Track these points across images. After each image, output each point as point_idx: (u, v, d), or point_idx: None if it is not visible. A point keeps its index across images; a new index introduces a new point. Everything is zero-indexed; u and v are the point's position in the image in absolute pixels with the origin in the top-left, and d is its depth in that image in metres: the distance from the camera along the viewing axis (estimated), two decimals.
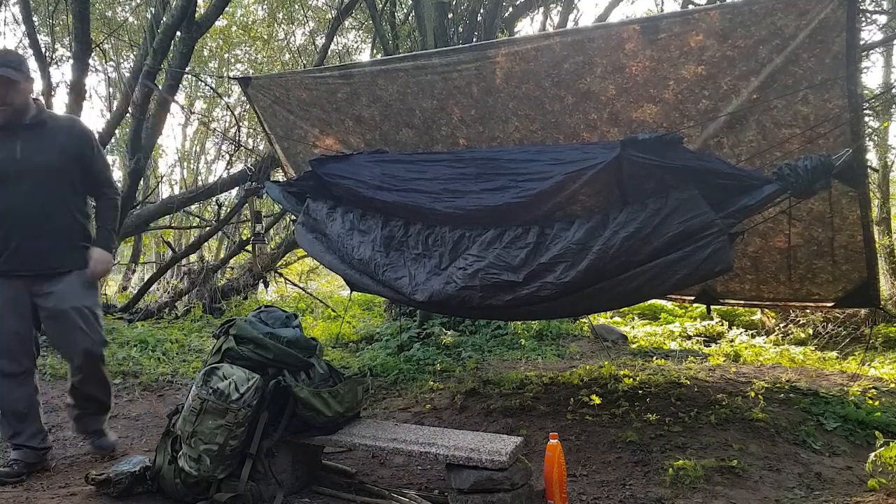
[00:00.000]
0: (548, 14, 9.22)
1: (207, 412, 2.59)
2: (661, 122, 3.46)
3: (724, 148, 3.41)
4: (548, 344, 6.49)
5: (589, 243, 2.94)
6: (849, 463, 3.14)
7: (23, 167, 2.95)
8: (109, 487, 2.73)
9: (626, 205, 2.95)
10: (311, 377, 2.94)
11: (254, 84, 4.40)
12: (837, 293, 4.01)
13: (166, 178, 14.56)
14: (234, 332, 2.83)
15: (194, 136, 15.67)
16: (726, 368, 5.21)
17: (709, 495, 2.74)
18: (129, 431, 3.80)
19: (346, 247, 3.68)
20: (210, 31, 8.49)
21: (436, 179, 3.40)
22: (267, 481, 2.73)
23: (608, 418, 3.73)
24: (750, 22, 2.92)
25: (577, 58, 3.34)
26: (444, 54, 3.70)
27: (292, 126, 4.59)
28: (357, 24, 11.13)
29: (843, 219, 3.50)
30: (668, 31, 3.08)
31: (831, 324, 6.66)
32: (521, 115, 3.79)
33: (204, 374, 2.69)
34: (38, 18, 9.05)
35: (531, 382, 4.54)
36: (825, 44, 2.86)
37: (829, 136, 3.11)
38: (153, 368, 5.03)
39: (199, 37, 6.06)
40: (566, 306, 3.38)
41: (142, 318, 7.57)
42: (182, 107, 12.75)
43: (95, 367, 3.16)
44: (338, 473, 3.07)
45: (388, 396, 4.62)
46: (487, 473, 2.46)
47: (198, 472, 2.62)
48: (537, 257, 3.08)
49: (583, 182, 2.94)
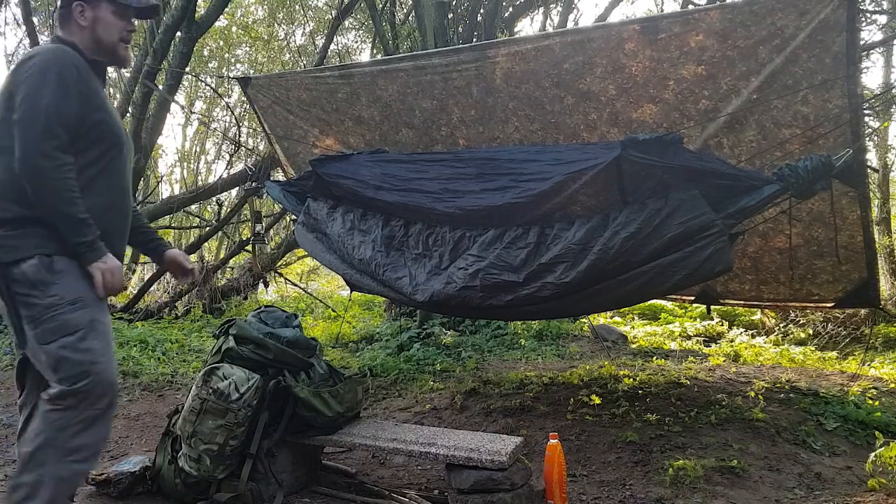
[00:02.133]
0: (548, 14, 9.22)
1: (207, 412, 2.59)
2: (661, 122, 3.46)
3: (724, 148, 3.41)
4: (548, 344, 6.49)
5: (589, 243, 2.94)
6: (849, 463, 3.14)
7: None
8: (109, 487, 2.73)
9: (626, 205, 2.95)
10: (311, 377, 2.94)
11: (254, 84, 4.40)
12: (837, 293, 4.01)
13: (166, 178, 14.57)
14: (234, 332, 2.83)
15: (194, 136, 15.68)
16: (726, 368, 5.21)
17: (709, 495, 2.74)
18: (129, 431, 3.80)
19: (347, 247, 3.68)
20: (210, 31, 8.49)
21: (436, 179, 3.40)
22: (267, 481, 2.73)
23: (608, 418, 3.73)
24: (750, 22, 2.92)
25: (577, 58, 3.34)
26: (444, 54, 3.70)
27: (292, 126, 4.59)
28: (357, 24, 11.12)
29: (843, 219, 3.50)
30: (668, 31, 3.08)
31: (831, 324, 6.66)
32: (521, 116, 3.79)
33: (204, 374, 2.69)
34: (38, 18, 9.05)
35: (531, 382, 4.54)
36: (825, 44, 2.85)
37: (829, 137, 3.11)
38: (153, 368, 5.03)
39: (199, 37, 6.06)
40: (566, 306, 3.38)
41: (142, 318, 7.58)
42: (182, 107, 12.75)
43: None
44: (338, 473, 3.07)
45: (388, 396, 4.62)
46: (487, 473, 2.46)
47: (198, 472, 2.62)
48: (538, 257, 3.08)
49: (583, 182, 2.94)
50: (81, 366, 1.86)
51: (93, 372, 1.87)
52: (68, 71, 1.93)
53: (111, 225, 2.05)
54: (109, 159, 2.03)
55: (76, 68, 1.95)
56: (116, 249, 2.07)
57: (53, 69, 1.91)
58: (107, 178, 2.03)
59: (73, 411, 1.86)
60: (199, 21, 5.75)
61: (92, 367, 1.87)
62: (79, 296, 1.90)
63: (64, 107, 1.90)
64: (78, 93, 1.94)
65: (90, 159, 1.99)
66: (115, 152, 2.05)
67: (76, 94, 1.93)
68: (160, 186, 12.93)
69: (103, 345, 1.92)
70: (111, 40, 2.10)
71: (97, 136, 1.99)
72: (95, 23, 2.06)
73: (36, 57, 1.95)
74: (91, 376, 1.86)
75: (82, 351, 1.87)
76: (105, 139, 2.02)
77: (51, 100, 1.88)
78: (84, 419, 1.87)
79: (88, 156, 1.98)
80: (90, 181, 1.98)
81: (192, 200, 9.75)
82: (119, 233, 2.13)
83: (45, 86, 1.89)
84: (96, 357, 1.88)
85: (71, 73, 1.93)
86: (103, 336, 1.93)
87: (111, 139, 2.04)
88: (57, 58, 1.94)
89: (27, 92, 1.88)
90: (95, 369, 1.87)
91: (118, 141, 2.07)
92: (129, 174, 2.18)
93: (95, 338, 1.90)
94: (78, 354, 1.87)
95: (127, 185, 2.15)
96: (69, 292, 1.89)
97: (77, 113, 1.93)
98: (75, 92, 1.93)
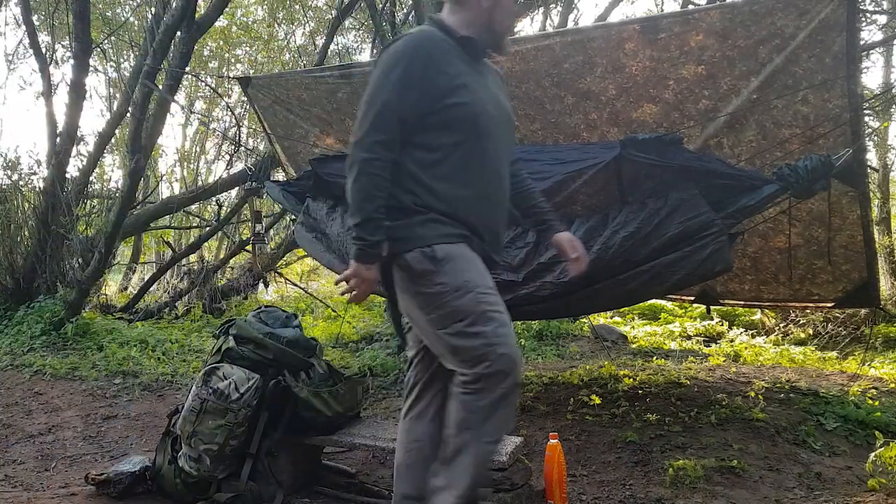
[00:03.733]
0: (548, 14, 9.22)
1: (207, 412, 2.59)
2: (661, 122, 3.46)
3: (724, 148, 3.41)
4: (548, 344, 6.49)
5: (588, 243, 2.94)
6: (849, 463, 3.14)
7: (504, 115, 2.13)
8: (109, 487, 2.73)
9: (625, 204, 2.95)
10: (311, 377, 2.94)
11: (254, 84, 4.41)
12: (837, 293, 4.01)
13: (166, 178, 14.56)
14: (234, 332, 2.83)
15: (194, 136, 15.67)
16: (726, 368, 5.21)
17: (709, 495, 2.74)
18: (129, 431, 3.79)
19: (347, 246, 3.68)
20: (210, 31, 8.48)
21: None
22: (267, 481, 2.73)
23: (608, 418, 3.73)
24: (750, 22, 2.92)
25: (577, 58, 3.34)
26: None
27: (292, 126, 4.59)
28: (357, 24, 11.13)
29: (843, 219, 3.50)
30: (668, 30, 3.08)
31: (831, 324, 6.66)
32: (521, 115, 3.79)
33: (204, 374, 2.69)
34: (38, 18, 9.06)
35: (531, 382, 4.54)
36: (825, 44, 2.86)
37: (829, 136, 3.11)
38: (153, 368, 5.03)
39: (199, 37, 6.05)
40: (566, 306, 3.38)
41: (142, 318, 7.58)
42: (182, 107, 12.75)
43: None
44: (338, 473, 3.07)
45: (388, 396, 4.62)
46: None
47: (198, 472, 2.62)
48: (537, 257, 3.08)
49: (582, 181, 2.95)
50: (476, 350, 1.85)
51: (490, 355, 1.84)
52: (418, 61, 1.87)
53: (478, 218, 1.96)
54: (471, 146, 1.93)
55: (429, 56, 1.89)
56: (487, 242, 1.99)
57: (402, 61, 1.87)
58: (468, 168, 1.93)
59: (480, 394, 1.86)
60: (199, 21, 5.74)
61: (488, 350, 1.84)
62: (464, 281, 1.87)
63: (404, 102, 1.86)
64: (426, 84, 1.87)
65: (445, 148, 1.91)
66: (475, 136, 1.93)
67: (422, 86, 1.87)
68: (160, 186, 12.93)
69: (495, 326, 1.87)
70: (504, 26, 2.06)
71: (450, 123, 1.91)
72: (495, 6, 2.00)
73: (392, 45, 1.94)
74: (489, 359, 1.84)
75: (473, 336, 1.85)
76: (462, 125, 1.92)
77: (390, 95, 1.85)
78: (492, 401, 1.86)
79: (442, 144, 1.91)
80: (449, 173, 1.92)
81: (192, 200, 9.75)
82: (489, 224, 2.01)
83: (387, 78, 1.87)
84: (489, 339, 1.85)
85: (420, 63, 1.87)
86: (493, 318, 1.87)
87: (469, 123, 1.92)
88: (409, 48, 1.90)
89: (372, 82, 1.90)
90: (492, 351, 1.85)
91: (478, 123, 1.93)
92: (503, 155, 2.04)
93: (485, 322, 1.86)
94: (470, 340, 1.85)
95: (498, 168, 2.01)
96: (454, 279, 1.87)
97: (420, 105, 1.88)
98: (422, 84, 1.87)
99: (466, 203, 1.93)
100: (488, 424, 1.86)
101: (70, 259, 6.57)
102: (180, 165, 15.57)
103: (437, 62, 1.89)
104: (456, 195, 1.91)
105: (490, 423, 1.86)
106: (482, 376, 1.84)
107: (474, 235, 1.94)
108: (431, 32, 1.96)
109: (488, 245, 2.00)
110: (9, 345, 5.43)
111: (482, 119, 1.93)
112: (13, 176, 6.83)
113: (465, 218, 1.92)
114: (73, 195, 6.48)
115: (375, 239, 1.85)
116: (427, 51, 1.89)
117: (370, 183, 1.85)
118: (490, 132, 1.95)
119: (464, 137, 1.91)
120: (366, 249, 1.86)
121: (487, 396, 1.85)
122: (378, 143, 1.85)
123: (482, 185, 1.96)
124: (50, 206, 6.26)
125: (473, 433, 1.86)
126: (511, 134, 2.16)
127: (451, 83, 1.90)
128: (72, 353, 5.32)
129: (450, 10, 2.02)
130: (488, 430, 1.87)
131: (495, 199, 2.02)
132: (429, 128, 1.90)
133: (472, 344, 1.84)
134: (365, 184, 1.85)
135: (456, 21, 1.99)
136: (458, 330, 1.86)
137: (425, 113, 1.88)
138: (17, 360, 5.00)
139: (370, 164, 1.84)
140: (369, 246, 1.86)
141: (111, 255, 6.53)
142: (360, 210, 1.85)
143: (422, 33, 1.95)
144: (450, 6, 2.02)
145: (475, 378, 1.84)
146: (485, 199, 1.98)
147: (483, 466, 1.93)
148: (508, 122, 2.11)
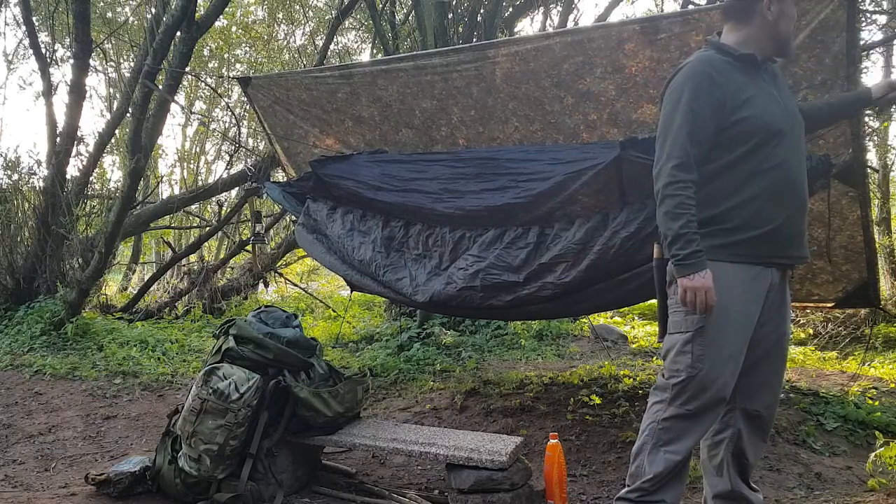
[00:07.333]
0: (548, 14, 9.21)
1: (207, 412, 2.59)
2: None
3: None
4: (548, 344, 6.49)
5: (589, 243, 2.94)
6: (849, 463, 3.14)
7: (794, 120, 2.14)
8: (109, 487, 2.73)
9: (626, 205, 2.95)
10: (311, 377, 2.94)
11: (254, 84, 4.40)
12: (837, 293, 4.00)
13: (166, 178, 14.56)
14: (234, 332, 2.83)
15: (194, 136, 15.67)
16: None
17: None
18: (129, 431, 3.80)
19: (347, 247, 3.68)
20: (210, 31, 8.49)
21: (436, 179, 3.40)
22: (267, 481, 2.73)
23: (608, 418, 3.73)
24: None
25: (576, 58, 3.33)
26: (444, 54, 3.70)
27: (292, 126, 4.59)
28: (357, 24, 11.12)
29: (843, 219, 3.50)
30: (668, 31, 3.07)
31: (831, 324, 6.65)
32: (520, 116, 3.79)
33: (204, 374, 2.70)
34: (38, 18, 9.05)
35: (531, 382, 4.54)
36: (825, 44, 2.85)
37: (829, 137, 3.11)
38: (153, 368, 5.03)
39: (199, 37, 6.04)
40: (567, 306, 3.38)
41: (142, 318, 7.58)
42: (182, 107, 12.75)
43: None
44: (338, 473, 3.07)
45: (388, 396, 4.62)
46: (487, 473, 2.46)
47: (198, 472, 2.62)
48: (538, 257, 3.08)
49: (583, 182, 2.94)
50: (677, 364, 2.01)
51: (687, 374, 1.98)
52: (701, 87, 1.98)
53: (769, 224, 2.00)
54: (763, 155, 2.00)
55: (708, 76, 1.99)
56: (781, 250, 2.04)
57: (688, 89, 1.99)
58: (759, 177, 1.99)
59: (665, 404, 2.05)
60: (199, 21, 5.74)
61: (687, 369, 1.98)
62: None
63: (695, 127, 1.97)
64: (713, 105, 1.98)
65: (737, 159, 2.00)
66: (767, 145, 2.00)
67: (710, 108, 1.97)
68: (160, 186, 12.93)
69: (706, 352, 1.97)
70: (788, 31, 2.12)
71: (741, 136, 2.00)
72: (780, 17, 2.07)
73: (673, 77, 2.07)
74: (683, 377, 1.99)
75: (683, 352, 2.00)
76: (753, 135, 1.99)
77: (681, 122, 1.97)
78: (674, 415, 2.03)
79: (734, 157, 2.01)
80: (741, 183, 2.00)
81: (192, 200, 9.75)
82: (781, 229, 2.01)
83: (676, 108, 2.00)
84: (694, 361, 1.97)
85: (703, 87, 1.98)
86: (710, 345, 1.97)
87: (761, 133, 1.99)
88: (689, 76, 2.01)
89: (664, 112, 2.04)
90: (691, 371, 1.98)
91: (769, 131, 2.00)
92: (797, 161, 2.07)
93: (700, 344, 1.97)
94: (678, 353, 2.01)
95: (793, 177, 2.04)
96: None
97: (710, 126, 1.98)
98: (709, 105, 1.97)
99: (752, 213, 2.00)
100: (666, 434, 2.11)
101: (70, 259, 6.58)
102: (180, 165, 15.59)
103: (719, 81, 2.00)
104: (743, 206, 2.00)
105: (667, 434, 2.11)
106: (670, 388, 2.08)
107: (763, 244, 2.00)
108: (709, 55, 2.07)
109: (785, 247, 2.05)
110: (9, 345, 5.43)
111: (770, 128, 2.01)
112: (13, 176, 6.84)
113: (753, 229, 2.00)
114: (73, 195, 6.48)
115: (689, 251, 1.93)
116: (708, 72, 2.00)
117: (672, 203, 1.95)
118: (780, 140, 2.02)
119: (754, 148, 2.00)
120: (683, 263, 1.94)
121: (669, 409, 2.09)
122: (675, 167, 1.96)
123: (769, 196, 2.01)
124: (50, 206, 6.26)
125: (650, 437, 2.17)
126: (801, 133, 2.15)
127: (736, 100, 1.99)
128: (72, 353, 5.32)
129: (731, 28, 2.12)
130: None
131: (789, 200, 2.04)
132: (721, 145, 2.00)
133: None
134: (669, 206, 1.96)
135: (736, 38, 2.09)
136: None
137: (717, 131, 1.99)
138: (17, 360, 5.00)
139: (670, 187, 1.96)
140: (684, 258, 1.94)
141: (111, 255, 6.52)
142: (669, 230, 1.96)
143: (699, 59, 2.06)
144: (732, 24, 2.12)
145: None
146: (779, 203, 2.02)
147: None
148: (797, 125, 2.13)
